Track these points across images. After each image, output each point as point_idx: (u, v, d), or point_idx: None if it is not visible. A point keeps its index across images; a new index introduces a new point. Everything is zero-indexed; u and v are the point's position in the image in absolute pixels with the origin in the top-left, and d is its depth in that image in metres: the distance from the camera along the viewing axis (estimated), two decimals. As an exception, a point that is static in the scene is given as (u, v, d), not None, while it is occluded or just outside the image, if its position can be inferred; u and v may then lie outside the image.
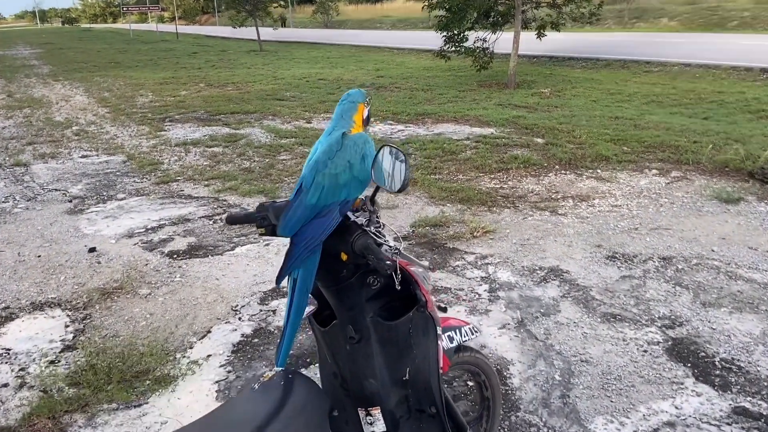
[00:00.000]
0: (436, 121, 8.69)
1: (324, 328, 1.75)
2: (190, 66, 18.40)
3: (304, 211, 1.55)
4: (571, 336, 3.13)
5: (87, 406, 2.55)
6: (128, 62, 20.34)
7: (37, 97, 12.37)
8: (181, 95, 12.06)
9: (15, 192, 5.82)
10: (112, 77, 15.82)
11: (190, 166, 6.59)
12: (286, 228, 1.56)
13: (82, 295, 3.65)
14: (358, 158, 1.56)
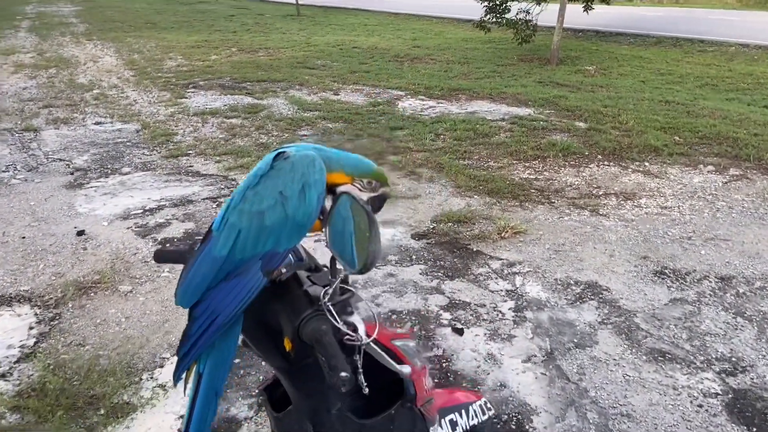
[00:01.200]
0: (470, 98, 8.08)
1: (277, 414, 1.29)
2: (225, 29, 17.95)
3: (209, 268, 1.07)
4: (610, 378, 2.61)
5: (24, 441, 2.18)
6: (164, 23, 19.99)
7: (66, 57, 12.11)
8: (210, 60, 11.64)
9: (18, 160, 5.50)
10: (145, 38, 15.49)
11: (205, 138, 6.18)
12: (184, 295, 1.08)
13: (57, 289, 3.28)
14: (295, 188, 1.07)
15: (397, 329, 1.43)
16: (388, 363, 1.16)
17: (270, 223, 1.06)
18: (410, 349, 1.31)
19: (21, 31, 17.57)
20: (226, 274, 1.07)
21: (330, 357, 0.98)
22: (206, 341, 1.07)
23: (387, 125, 6.61)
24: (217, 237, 1.08)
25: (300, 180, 1.07)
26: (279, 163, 1.10)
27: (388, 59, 11.36)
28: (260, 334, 1.18)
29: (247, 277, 1.07)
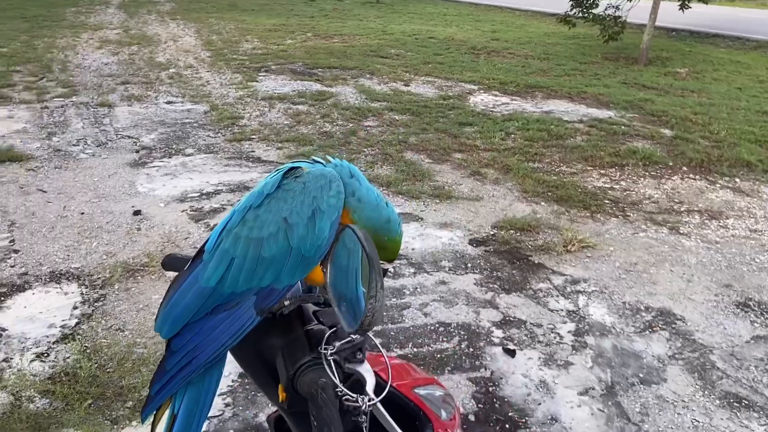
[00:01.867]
0: (547, 96, 7.69)
1: None
2: (303, 14, 18.05)
3: (194, 299, 0.91)
4: (677, 423, 2.32)
5: (48, 430, 2.12)
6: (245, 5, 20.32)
7: (149, 35, 12.46)
8: (285, 44, 11.67)
9: (89, 135, 5.62)
10: (225, 20, 15.76)
11: (270, 123, 6.13)
12: (163, 323, 0.92)
13: (106, 269, 3.27)
14: (304, 214, 0.89)
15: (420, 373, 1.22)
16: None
17: (269, 254, 0.89)
18: (436, 399, 1.11)
19: (111, 7, 18.28)
20: (213, 308, 0.91)
21: (322, 423, 0.80)
22: (183, 379, 0.91)
23: (455, 120, 6.36)
24: (207, 262, 0.92)
25: (311, 204, 0.89)
26: (289, 182, 0.92)
27: (464, 51, 11.03)
28: (258, 366, 1.02)
29: (237, 312, 0.90)
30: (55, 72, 8.28)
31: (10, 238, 3.57)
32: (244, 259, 0.90)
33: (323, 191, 0.90)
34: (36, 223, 3.77)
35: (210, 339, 0.91)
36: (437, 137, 5.78)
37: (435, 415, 1.08)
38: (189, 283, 0.93)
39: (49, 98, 6.86)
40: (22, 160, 4.86)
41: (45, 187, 4.36)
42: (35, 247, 3.49)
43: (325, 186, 0.90)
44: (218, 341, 0.91)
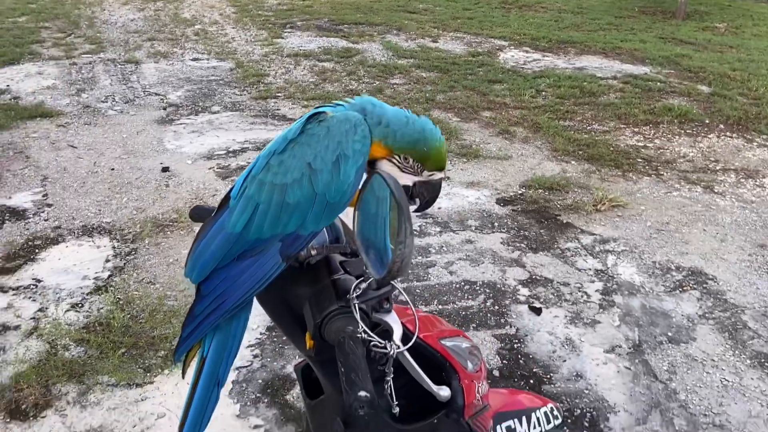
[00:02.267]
0: (580, 52, 7.47)
1: (311, 400, 1.14)
2: (330, -32, 17.68)
3: (221, 245, 0.91)
4: (705, 381, 2.30)
5: (84, 376, 2.19)
6: (271, -40, 19.98)
7: (174, -9, 12.36)
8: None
9: (117, 92, 5.65)
10: (251, -25, 15.54)
11: (295, 81, 6.08)
12: (192, 269, 0.94)
13: (136, 224, 3.32)
14: (328, 159, 0.87)
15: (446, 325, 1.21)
16: (422, 380, 0.96)
17: (293, 200, 0.88)
18: (462, 351, 1.10)
19: (137, -36, 18.14)
20: (239, 254, 0.91)
21: (349, 369, 0.80)
22: (212, 323, 0.92)
23: (485, 78, 6.23)
24: (233, 209, 0.92)
25: (335, 150, 0.87)
26: (312, 126, 0.90)
27: (495, 6, 10.73)
28: (285, 315, 1.02)
29: (263, 259, 0.90)
30: (82, 28, 8.30)
31: (43, 193, 3.64)
32: (268, 205, 0.89)
33: (348, 135, 0.88)
34: (68, 178, 3.83)
35: (237, 285, 0.91)
36: (465, 95, 5.67)
37: (461, 366, 1.08)
38: (216, 229, 0.93)
39: (78, 55, 6.89)
40: (52, 116, 4.91)
41: (75, 143, 4.41)
42: (67, 201, 3.55)
43: (350, 130, 0.88)
44: (244, 287, 0.91)
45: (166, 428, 2.03)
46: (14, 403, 2.10)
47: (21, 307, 2.58)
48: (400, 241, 0.80)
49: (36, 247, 3.06)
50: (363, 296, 0.90)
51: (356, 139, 0.88)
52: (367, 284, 0.91)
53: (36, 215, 3.39)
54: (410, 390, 1.05)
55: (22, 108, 5.01)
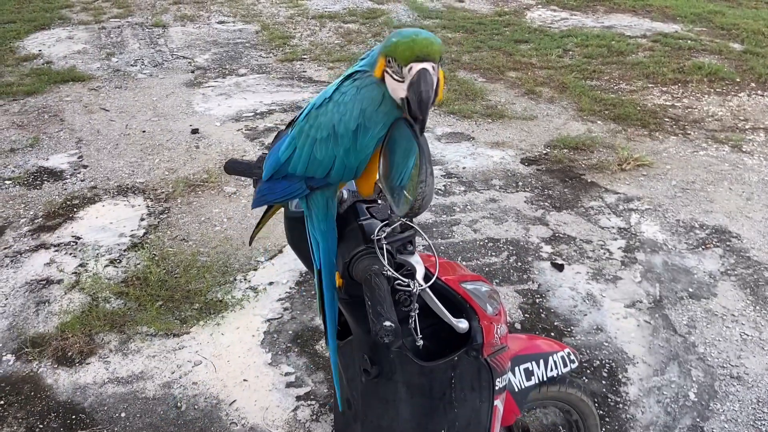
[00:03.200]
0: (609, 10, 7.30)
1: (340, 341, 1.22)
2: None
3: (272, 163, 1.06)
4: (724, 335, 2.34)
5: (124, 327, 2.32)
6: None
7: (198, -46, 12.30)
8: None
9: (145, 55, 5.73)
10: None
11: (320, 43, 6.08)
12: (264, 169, 1.10)
13: (168, 184, 3.42)
14: (350, 127, 0.93)
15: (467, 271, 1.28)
16: (443, 314, 1.03)
17: (320, 156, 0.96)
18: (482, 294, 1.17)
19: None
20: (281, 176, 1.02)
21: (375, 302, 0.87)
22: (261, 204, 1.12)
23: (511, 38, 6.15)
24: (287, 137, 1.02)
25: (357, 118, 0.92)
26: (345, 87, 0.96)
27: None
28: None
29: (293, 185, 1.01)
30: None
31: (78, 154, 3.76)
32: (301, 151, 0.97)
33: (372, 104, 0.92)
34: (101, 141, 3.95)
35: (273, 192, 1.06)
36: (491, 55, 5.62)
37: (481, 309, 1.14)
38: (276, 147, 1.05)
39: (106, 19, 6.96)
40: (84, 80, 5.02)
41: (107, 106, 4.52)
42: (102, 162, 3.67)
43: (376, 98, 0.92)
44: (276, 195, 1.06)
45: (202, 374, 2.16)
46: (61, 350, 2.24)
47: (63, 263, 2.72)
48: (421, 180, 0.86)
49: (74, 206, 3.19)
50: (388, 238, 0.97)
51: (380, 109, 0.92)
52: (392, 227, 0.98)
53: (73, 176, 3.51)
54: (434, 332, 1.12)
55: (54, 72, 5.12)
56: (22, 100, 4.57)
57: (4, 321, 2.37)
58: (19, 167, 3.58)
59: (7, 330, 2.33)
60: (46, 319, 2.37)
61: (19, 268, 2.67)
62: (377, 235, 0.96)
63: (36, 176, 3.49)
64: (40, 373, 2.15)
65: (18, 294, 2.51)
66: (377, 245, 0.95)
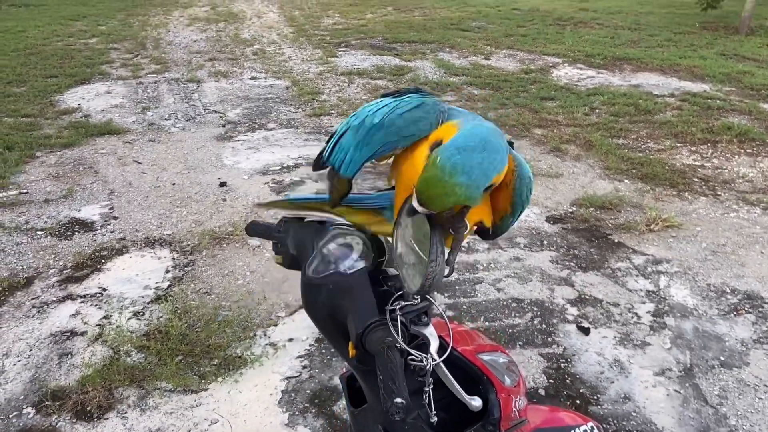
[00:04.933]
0: (636, 69, 7.35)
1: (354, 408, 1.20)
2: (384, -13, 17.99)
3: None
4: (757, 407, 2.24)
5: (144, 382, 2.32)
6: (327, -19, 20.46)
7: (234, 12, 12.83)
8: (365, 18, 11.72)
9: (179, 110, 5.91)
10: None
11: (348, 99, 6.22)
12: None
13: (194, 236, 3.47)
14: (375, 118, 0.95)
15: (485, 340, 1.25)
16: (456, 390, 1.00)
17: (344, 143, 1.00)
18: (500, 365, 1.14)
19: (201, -14, 18.90)
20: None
21: (387, 377, 0.86)
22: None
23: (537, 95, 6.22)
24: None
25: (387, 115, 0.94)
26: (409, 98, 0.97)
27: (549, 23, 10.68)
28: (330, 325, 1.09)
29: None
30: (148, 49, 8.72)
31: (109, 206, 3.85)
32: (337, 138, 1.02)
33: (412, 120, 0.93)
34: (132, 192, 4.04)
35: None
36: (517, 112, 5.68)
37: (498, 381, 1.11)
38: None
39: (144, 74, 7.25)
40: (119, 133, 5.19)
41: (140, 158, 4.65)
42: (132, 214, 3.75)
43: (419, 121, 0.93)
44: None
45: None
46: (80, 404, 2.24)
47: (88, 314, 2.75)
48: (432, 260, 0.85)
49: (102, 258, 3.25)
50: (403, 309, 0.96)
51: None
52: (407, 298, 0.97)
53: (103, 227, 3.59)
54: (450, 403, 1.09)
55: (92, 125, 5.31)
56: (60, 152, 4.73)
57: (27, 373, 2.39)
58: (51, 218, 3.67)
59: (29, 382, 2.34)
60: (68, 372, 2.38)
61: (45, 319, 2.71)
62: (391, 306, 0.95)
63: (67, 227, 3.58)
64: (59, 427, 2.15)
65: (42, 345, 2.53)
66: (390, 316, 0.94)
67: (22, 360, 2.44)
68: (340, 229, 1.15)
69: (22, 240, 3.41)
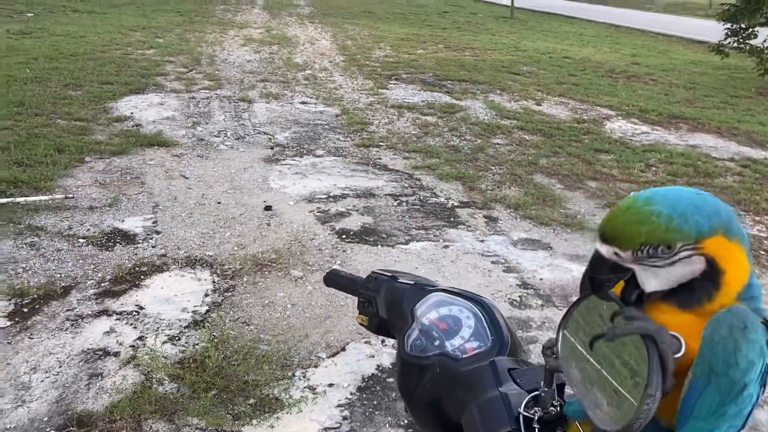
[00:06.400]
0: (692, 129, 7.14)
1: None
2: (436, 25, 18.15)
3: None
4: None
5: (174, 415, 2.18)
6: (381, 13, 20.76)
7: (288, 36, 13.00)
8: (416, 54, 11.75)
9: (229, 128, 5.90)
10: (360, 26, 16.16)
11: (397, 132, 6.14)
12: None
13: (236, 260, 3.37)
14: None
15: None
16: None
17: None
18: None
19: (256, 7, 19.33)
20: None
21: None
22: None
23: (590, 146, 6.05)
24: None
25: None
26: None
27: (601, 74, 10.55)
28: (430, 416, 0.93)
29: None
30: (203, 65, 8.82)
31: (153, 219, 3.78)
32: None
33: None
34: (177, 208, 3.98)
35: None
36: (570, 162, 5.52)
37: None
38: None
39: (197, 89, 7.30)
40: (168, 145, 5.17)
41: (187, 173, 4.60)
42: (175, 230, 3.67)
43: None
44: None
45: (248, 481, 1.97)
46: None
47: (122, 333, 2.64)
48: (650, 395, 0.64)
49: (142, 273, 3.16)
50: (541, 420, 0.79)
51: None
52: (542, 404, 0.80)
53: (145, 241, 3.51)
54: None
55: (142, 135, 5.31)
56: (108, 159, 4.72)
57: (54, 392, 2.27)
58: (94, 226, 3.61)
59: (55, 402, 2.23)
60: (97, 396, 2.26)
61: (78, 333, 2.61)
62: (525, 411, 0.79)
63: (110, 237, 3.51)
64: (81, 455, 2.02)
65: (72, 363, 2.42)
66: (524, 423, 0.78)
67: (50, 377, 2.34)
68: (444, 294, 1.00)
69: (63, 246, 3.35)
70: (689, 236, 0.61)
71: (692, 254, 0.63)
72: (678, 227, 0.61)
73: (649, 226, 0.62)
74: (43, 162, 4.42)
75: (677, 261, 0.63)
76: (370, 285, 1.08)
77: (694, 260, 0.63)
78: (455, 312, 0.96)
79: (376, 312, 1.05)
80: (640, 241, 0.62)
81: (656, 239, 0.62)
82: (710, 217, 0.62)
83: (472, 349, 0.90)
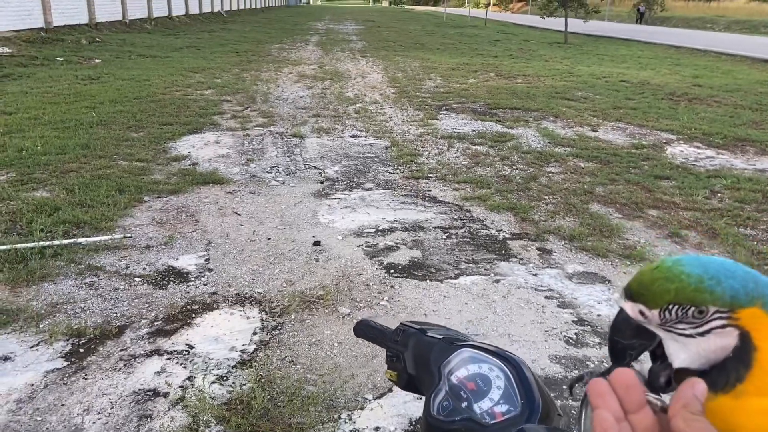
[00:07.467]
0: (760, 152, 6.80)
1: None
2: (487, 53, 18.15)
3: None
4: None
5: (218, 459, 2.16)
6: (431, 44, 20.96)
7: (340, 71, 13.26)
8: (467, 83, 11.75)
9: (281, 163, 6.00)
10: (411, 58, 16.34)
11: (447, 163, 6.10)
12: None
13: (285, 297, 3.37)
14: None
15: None
16: None
17: None
18: None
19: (310, 44, 19.87)
20: None
21: None
22: None
23: (650, 172, 5.83)
24: None
25: None
26: None
27: (661, 97, 10.25)
28: None
29: None
30: (258, 102, 9.08)
31: (206, 257, 3.85)
32: None
33: None
34: (229, 245, 4.04)
35: None
36: (628, 189, 5.32)
37: None
38: None
39: (251, 127, 7.49)
40: (223, 183, 5.29)
41: (240, 210, 4.69)
42: (226, 267, 3.72)
43: None
44: None
45: None
46: (153, 472, 2.11)
47: (173, 373, 2.66)
48: None
49: (193, 312, 3.20)
50: None
51: None
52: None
53: (197, 279, 3.57)
54: None
55: (198, 173, 5.46)
56: (165, 197, 4.86)
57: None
58: (150, 265, 3.70)
59: (105, 443, 2.25)
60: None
61: (130, 374, 2.65)
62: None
63: (164, 275, 3.58)
64: (128, 499, 2.02)
65: (124, 404, 2.45)
66: None
67: (102, 418, 2.37)
68: (473, 351, 0.94)
69: (119, 285, 3.44)
70: (723, 301, 0.54)
71: (726, 324, 0.55)
72: (709, 288, 0.54)
73: (679, 284, 0.55)
74: (104, 203, 4.60)
75: (709, 331, 0.55)
76: (398, 338, 1.03)
77: (728, 332, 0.55)
78: (485, 370, 0.90)
79: (404, 367, 1.00)
80: (669, 299, 0.55)
81: (686, 298, 0.55)
82: (746, 284, 0.55)
83: (501, 414, 0.83)
